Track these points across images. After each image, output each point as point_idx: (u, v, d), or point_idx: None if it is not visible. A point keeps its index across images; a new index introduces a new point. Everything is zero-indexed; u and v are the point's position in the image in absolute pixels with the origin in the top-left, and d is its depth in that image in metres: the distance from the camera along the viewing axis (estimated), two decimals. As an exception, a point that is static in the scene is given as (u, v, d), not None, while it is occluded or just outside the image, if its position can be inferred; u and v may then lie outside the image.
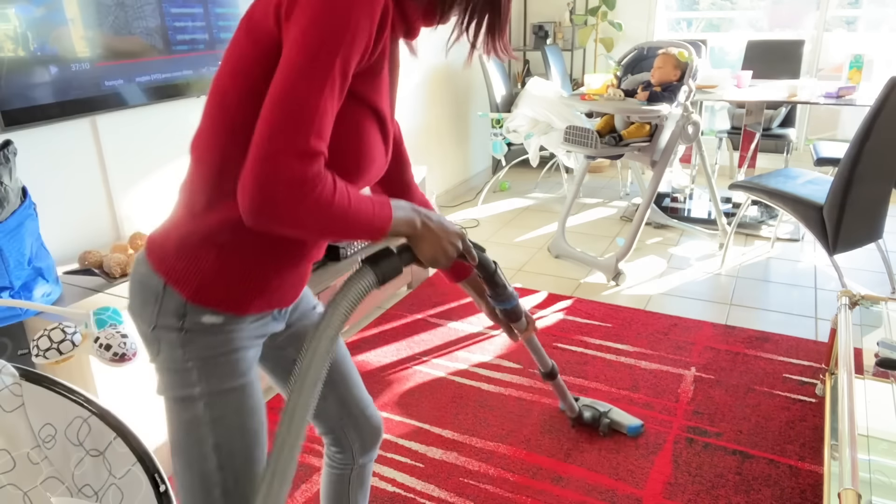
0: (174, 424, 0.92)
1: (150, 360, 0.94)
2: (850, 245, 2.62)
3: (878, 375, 1.88)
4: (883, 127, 2.37)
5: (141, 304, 0.90)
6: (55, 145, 1.92)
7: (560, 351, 2.45)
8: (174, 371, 0.90)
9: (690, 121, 2.92)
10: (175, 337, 0.88)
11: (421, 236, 0.92)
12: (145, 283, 0.89)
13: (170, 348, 0.89)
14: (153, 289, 0.88)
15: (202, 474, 0.91)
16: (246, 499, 0.93)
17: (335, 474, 1.24)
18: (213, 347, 0.90)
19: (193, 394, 0.90)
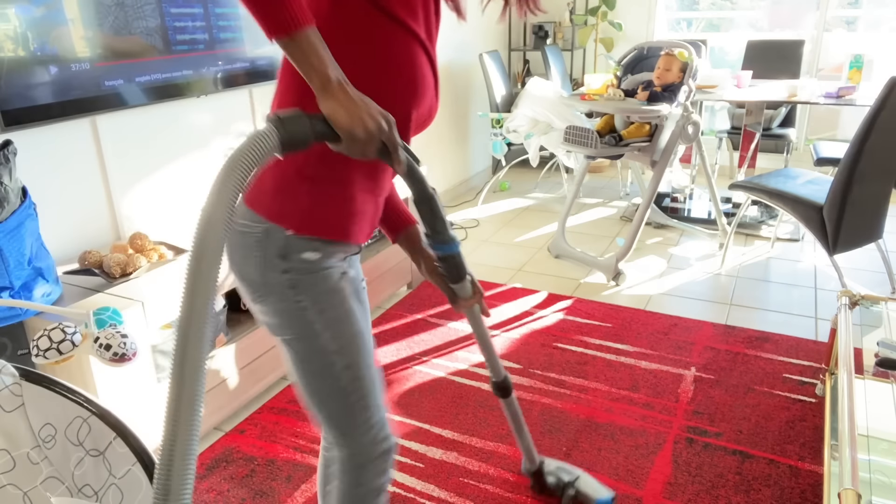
0: (303, 359, 1.00)
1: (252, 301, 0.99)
2: (850, 245, 2.62)
3: (878, 375, 1.88)
4: (883, 127, 2.37)
5: (244, 252, 0.95)
6: (55, 145, 1.92)
7: (560, 351, 2.45)
8: (289, 312, 0.96)
9: (690, 121, 2.92)
10: (284, 279, 0.94)
11: (334, 94, 0.78)
12: (247, 232, 0.94)
13: (280, 291, 0.95)
14: (256, 235, 0.93)
15: (338, 392, 1.01)
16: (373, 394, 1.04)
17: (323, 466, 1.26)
18: (318, 283, 0.96)
19: (316, 328, 0.97)
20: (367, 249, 2.75)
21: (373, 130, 0.80)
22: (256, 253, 0.94)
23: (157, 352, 1.80)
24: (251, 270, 0.95)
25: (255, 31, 2.42)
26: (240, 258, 0.96)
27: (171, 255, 1.99)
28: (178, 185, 2.34)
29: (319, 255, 0.95)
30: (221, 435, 2.02)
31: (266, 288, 0.96)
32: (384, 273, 2.79)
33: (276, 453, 1.93)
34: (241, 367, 2.09)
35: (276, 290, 0.95)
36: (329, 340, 0.98)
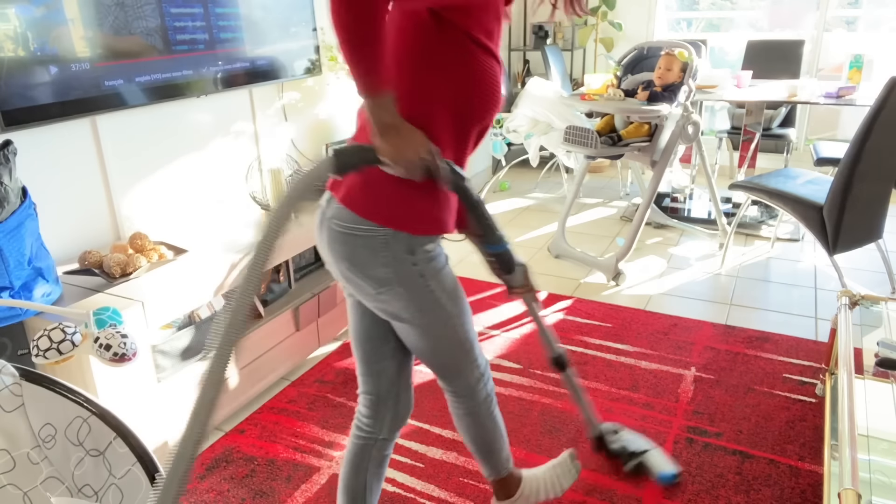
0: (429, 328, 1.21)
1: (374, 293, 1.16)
2: (850, 245, 2.62)
3: (878, 375, 1.88)
4: (883, 127, 2.37)
5: (370, 254, 1.12)
6: (55, 145, 1.92)
7: (560, 351, 2.45)
8: (420, 296, 1.17)
9: (690, 121, 2.92)
10: (414, 271, 1.14)
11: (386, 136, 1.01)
12: (371, 237, 1.11)
13: (409, 279, 1.15)
14: (379, 239, 1.11)
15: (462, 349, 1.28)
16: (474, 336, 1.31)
17: (359, 445, 1.36)
18: (437, 268, 1.18)
19: (441, 302, 1.20)
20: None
21: (414, 161, 1.02)
22: (384, 253, 1.12)
23: (157, 352, 1.80)
24: (379, 268, 1.13)
25: (255, 31, 2.42)
26: (364, 259, 1.13)
27: (171, 255, 1.99)
28: (178, 185, 2.35)
29: (434, 245, 1.17)
30: (221, 435, 2.03)
31: (397, 280, 1.14)
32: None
33: (276, 453, 1.93)
34: (241, 367, 2.09)
35: (407, 280, 1.15)
36: (451, 307, 1.22)
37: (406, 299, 1.16)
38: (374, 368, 1.33)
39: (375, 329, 1.31)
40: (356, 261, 1.13)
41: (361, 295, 1.20)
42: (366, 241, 1.11)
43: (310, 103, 2.93)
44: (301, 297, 2.33)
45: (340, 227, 1.13)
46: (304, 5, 2.65)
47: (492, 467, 1.51)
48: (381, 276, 1.14)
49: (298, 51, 2.66)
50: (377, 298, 1.18)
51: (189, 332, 1.89)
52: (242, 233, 2.21)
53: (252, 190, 2.42)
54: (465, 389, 1.35)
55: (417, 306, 1.18)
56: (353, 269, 1.15)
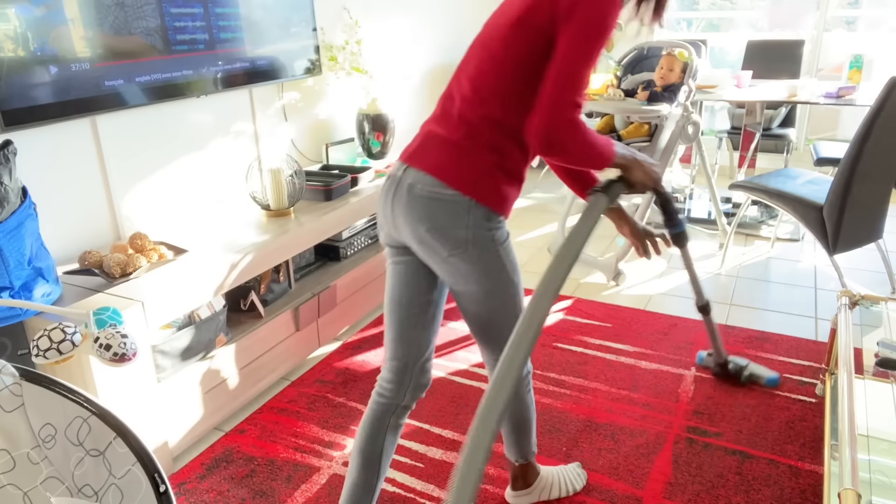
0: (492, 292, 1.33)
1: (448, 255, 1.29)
2: (849, 245, 2.62)
3: (878, 375, 1.88)
4: (883, 127, 2.37)
5: (452, 217, 1.26)
6: (55, 145, 1.92)
7: (560, 351, 2.45)
8: (490, 257, 1.31)
9: (690, 121, 2.92)
10: (489, 235, 1.29)
11: (634, 166, 1.37)
12: (454, 203, 1.26)
13: (484, 244, 1.29)
14: (464, 205, 1.26)
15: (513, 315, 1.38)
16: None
17: (380, 410, 1.43)
18: (504, 237, 1.33)
19: (506, 266, 1.33)
20: (367, 250, 2.75)
21: (656, 179, 1.41)
22: (466, 217, 1.27)
23: (157, 352, 1.80)
24: (459, 230, 1.27)
25: (255, 31, 2.42)
26: (445, 221, 1.27)
27: (171, 255, 1.99)
28: (178, 185, 2.35)
29: (502, 219, 1.32)
30: (221, 435, 2.03)
31: (473, 242, 1.28)
32: (384, 273, 2.79)
33: (276, 453, 1.93)
34: (241, 367, 2.09)
35: (482, 242, 1.29)
36: (512, 274, 1.35)
37: (476, 261, 1.30)
38: (406, 336, 1.41)
39: (418, 298, 1.41)
40: (438, 222, 1.27)
41: (431, 257, 1.32)
42: (450, 206, 1.26)
43: (310, 103, 2.93)
44: (301, 297, 2.33)
45: (425, 191, 1.27)
46: (304, 5, 2.65)
47: (520, 450, 1.60)
48: (460, 237, 1.28)
49: (298, 51, 2.66)
50: (447, 261, 1.30)
51: (189, 332, 1.89)
52: (242, 233, 2.21)
53: (252, 190, 2.42)
54: None
55: (486, 269, 1.31)
56: (433, 230, 1.28)
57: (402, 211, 1.31)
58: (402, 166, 1.34)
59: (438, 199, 1.27)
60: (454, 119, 1.30)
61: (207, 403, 1.97)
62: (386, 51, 3.43)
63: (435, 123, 1.34)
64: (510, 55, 1.24)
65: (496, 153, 1.28)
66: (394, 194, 1.33)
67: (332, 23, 2.96)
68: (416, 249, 1.35)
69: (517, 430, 1.57)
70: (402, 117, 3.70)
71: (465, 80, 1.31)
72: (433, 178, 1.27)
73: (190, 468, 1.88)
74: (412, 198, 1.29)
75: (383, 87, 3.45)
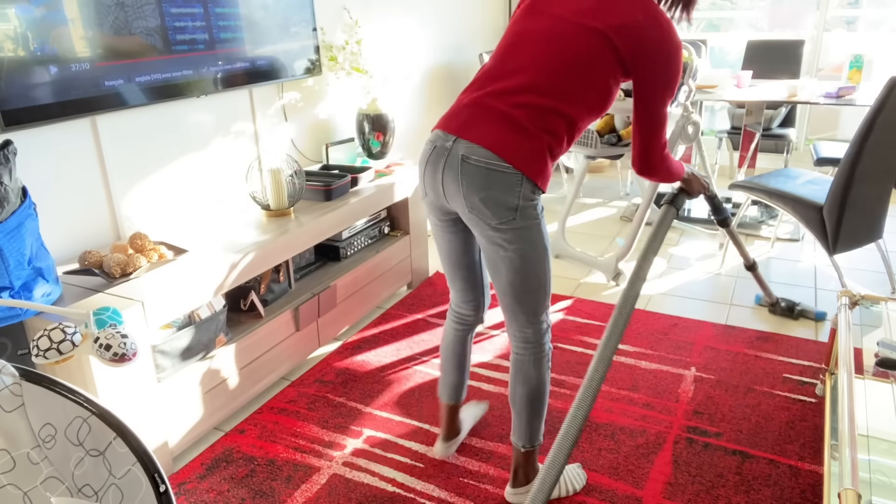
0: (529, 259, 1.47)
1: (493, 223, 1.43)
2: (849, 245, 2.62)
3: (878, 375, 1.88)
4: (883, 127, 2.37)
5: (506, 188, 1.39)
6: (55, 145, 1.92)
7: (560, 351, 2.45)
8: (532, 225, 1.45)
9: (690, 121, 2.92)
10: (532, 206, 1.43)
11: (693, 179, 1.83)
12: (503, 172, 1.38)
13: (528, 213, 1.43)
14: (517, 178, 1.39)
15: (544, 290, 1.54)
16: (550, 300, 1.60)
17: (463, 330, 1.78)
18: (542, 210, 1.48)
19: (544, 235, 1.49)
20: (367, 249, 2.75)
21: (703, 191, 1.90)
22: (518, 188, 1.39)
23: (157, 352, 1.80)
24: (512, 199, 1.40)
25: (255, 31, 2.42)
26: (501, 191, 1.39)
27: (171, 255, 1.99)
28: (178, 185, 2.35)
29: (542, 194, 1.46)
30: (221, 435, 2.03)
31: (521, 210, 1.41)
32: (384, 273, 2.79)
33: (276, 453, 1.93)
34: (241, 367, 2.09)
35: (528, 211, 1.42)
36: (546, 245, 1.50)
37: (521, 230, 1.43)
38: (472, 279, 1.70)
39: (468, 251, 1.65)
40: (492, 192, 1.39)
41: (478, 224, 1.45)
42: (504, 177, 1.39)
43: (310, 103, 2.93)
44: (301, 297, 2.33)
45: (482, 162, 1.39)
46: (304, 5, 2.65)
47: (531, 433, 1.65)
48: (511, 206, 1.40)
49: (298, 51, 2.66)
50: (496, 228, 1.43)
51: (189, 332, 1.90)
52: (242, 233, 2.21)
53: (252, 190, 2.42)
54: (536, 335, 1.57)
55: (527, 237, 1.45)
56: (487, 199, 1.40)
57: (452, 179, 1.43)
58: (451, 138, 1.42)
59: (494, 169, 1.38)
60: (516, 101, 1.39)
61: (207, 403, 1.97)
62: (386, 51, 3.44)
63: (487, 96, 1.42)
64: (584, 62, 1.39)
65: (552, 137, 1.42)
66: (444, 164, 1.43)
67: (332, 23, 2.96)
68: (466, 217, 1.47)
69: (533, 410, 1.62)
70: (402, 117, 3.70)
71: (531, 68, 1.40)
72: (489, 152, 1.38)
73: (190, 468, 1.88)
74: (466, 168, 1.40)
75: (383, 87, 3.45)
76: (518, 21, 1.49)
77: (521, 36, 1.44)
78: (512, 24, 1.51)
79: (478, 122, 1.40)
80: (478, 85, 1.46)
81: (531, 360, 1.58)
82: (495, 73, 1.44)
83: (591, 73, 1.39)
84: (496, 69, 1.45)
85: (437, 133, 1.47)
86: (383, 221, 2.89)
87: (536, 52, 1.40)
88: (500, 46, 1.49)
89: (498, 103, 1.40)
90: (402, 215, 2.95)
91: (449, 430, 1.89)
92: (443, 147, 1.44)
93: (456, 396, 1.84)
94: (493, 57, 1.49)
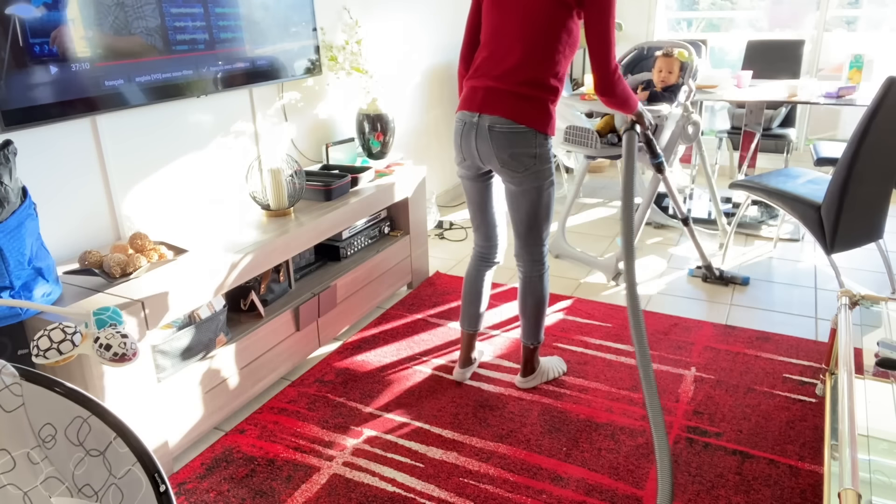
0: (546, 197, 1.95)
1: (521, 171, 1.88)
2: (848, 245, 2.62)
3: (878, 375, 1.88)
4: (881, 126, 2.37)
5: (526, 143, 1.84)
6: (55, 145, 1.92)
7: (560, 351, 2.45)
8: (548, 168, 1.91)
9: (690, 121, 2.92)
10: (545, 152, 1.88)
11: (644, 114, 2.10)
12: (522, 132, 1.83)
13: (542, 158, 1.88)
14: (531, 133, 1.84)
15: (549, 218, 2.01)
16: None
17: (484, 266, 2.19)
18: (551, 155, 1.91)
19: (553, 174, 1.93)
20: (367, 249, 2.75)
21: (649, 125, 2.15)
22: (534, 140, 1.84)
23: (157, 352, 1.80)
24: (531, 149, 1.85)
25: (255, 31, 2.42)
26: (523, 146, 1.84)
27: (171, 255, 1.99)
28: (178, 185, 2.35)
29: (551, 140, 1.90)
30: (221, 435, 2.03)
31: (538, 156, 1.87)
32: (384, 273, 2.79)
33: (276, 453, 1.93)
34: (241, 367, 2.09)
35: (543, 156, 1.88)
36: (553, 182, 1.95)
37: (540, 171, 1.90)
38: (493, 222, 2.13)
39: (489, 200, 2.08)
40: (517, 149, 1.84)
41: (508, 173, 1.90)
42: (523, 136, 1.84)
43: (310, 103, 2.93)
44: (301, 297, 2.33)
45: (505, 129, 1.83)
46: (304, 5, 2.65)
47: (536, 334, 2.15)
48: (532, 154, 1.86)
49: (298, 51, 2.66)
50: (523, 174, 1.89)
51: (189, 332, 1.90)
52: (242, 233, 2.21)
53: (252, 190, 2.42)
54: (540, 255, 2.05)
55: (544, 176, 1.91)
56: (514, 154, 1.85)
57: (485, 144, 1.87)
58: (475, 115, 1.87)
59: (515, 132, 1.83)
60: (517, 77, 1.82)
61: (207, 403, 1.98)
62: (386, 51, 3.44)
63: (494, 81, 1.84)
64: (554, 26, 1.79)
65: (548, 93, 1.85)
66: (476, 134, 1.89)
67: (332, 23, 2.96)
68: (498, 170, 1.92)
69: (537, 316, 2.12)
70: (402, 117, 3.70)
71: (518, 47, 1.82)
72: (508, 120, 1.82)
73: (190, 468, 1.88)
74: (494, 134, 1.85)
75: (383, 87, 3.45)
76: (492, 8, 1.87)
77: (503, 23, 1.84)
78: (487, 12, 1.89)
79: (494, 101, 1.83)
80: (483, 70, 1.88)
81: (539, 276, 2.07)
82: (495, 59, 1.86)
83: (560, 30, 1.80)
84: (493, 56, 1.86)
85: (462, 113, 1.92)
86: (383, 221, 2.89)
87: (519, 32, 1.81)
88: (488, 30, 1.88)
89: (503, 85, 1.83)
90: (402, 215, 2.95)
91: (465, 358, 2.27)
92: (471, 123, 1.88)
93: (474, 325, 2.24)
94: (485, 44, 1.90)
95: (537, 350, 2.20)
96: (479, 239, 2.17)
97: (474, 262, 2.20)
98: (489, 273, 2.20)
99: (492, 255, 2.18)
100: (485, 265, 2.19)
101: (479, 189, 2.06)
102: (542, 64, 1.81)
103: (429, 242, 3.64)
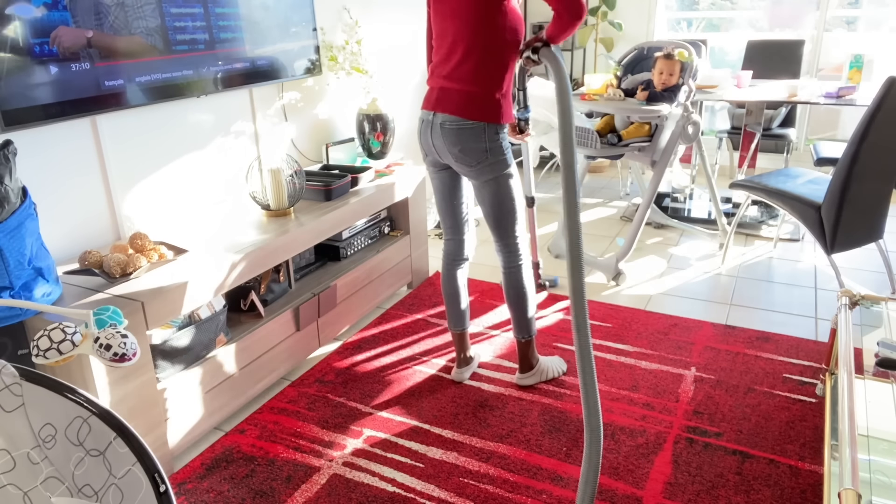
0: (505, 188, 1.99)
1: (474, 165, 1.94)
2: (848, 245, 2.62)
3: (878, 375, 1.88)
4: (881, 126, 2.37)
5: (475, 138, 1.90)
6: (55, 145, 1.92)
7: (560, 351, 2.45)
8: (503, 160, 1.95)
9: (690, 121, 2.92)
10: (496, 145, 1.93)
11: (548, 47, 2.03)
12: (473, 128, 1.89)
13: (497, 150, 1.93)
14: (480, 128, 1.89)
15: (515, 210, 2.04)
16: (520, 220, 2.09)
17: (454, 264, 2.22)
18: (507, 145, 1.96)
19: (511, 169, 1.99)
20: (367, 249, 2.75)
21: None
22: (483, 135, 1.90)
23: (157, 352, 1.80)
24: (482, 144, 1.91)
25: (255, 31, 2.42)
26: (471, 141, 1.90)
27: (171, 255, 1.99)
28: (178, 185, 2.35)
29: (506, 128, 1.98)
30: (221, 435, 2.03)
31: (490, 150, 1.92)
32: (384, 273, 2.79)
33: (276, 453, 1.93)
34: (241, 367, 2.09)
35: (496, 149, 1.93)
36: (515, 173, 2.01)
37: (494, 164, 1.94)
38: (459, 219, 2.17)
39: (455, 194, 2.12)
40: (466, 144, 1.91)
41: (463, 167, 1.97)
42: (471, 131, 1.90)
43: (310, 103, 2.93)
44: (301, 297, 2.33)
45: (454, 126, 1.90)
46: (304, 5, 2.65)
47: (525, 327, 2.17)
48: (482, 149, 1.91)
49: (298, 51, 2.66)
50: (477, 168, 1.95)
51: (189, 332, 1.89)
52: (242, 233, 2.21)
53: (252, 190, 2.42)
54: (514, 245, 2.10)
55: (500, 168, 1.96)
56: (465, 149, 1.92)
57: (438, 140, 1.95)
58: (430, 113, 1.95)
59: (463, 128, 1.90)
60: (461, 73, 1.88)
61: (207, 403, 1.98)
62: (386, 51, 3.43)
63: (445, 80, 1.92)
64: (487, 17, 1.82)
65: (496, 86, 1.89)
66: (430, 131, 1.97)
67: (332, 23, 2.96)
68: (453, 164, 1.99)
69: (522, 308, 2.14)
70: (402, 117, 3.70)
71: (459, 45, 1.87)
72: (456, 117, 1.89)
73: (190, 468, 1.88)
74: (444, 131, 1.92)
75: (383, 87, 3.45)
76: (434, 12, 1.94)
77: (443, 24, 1.90)
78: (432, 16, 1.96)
79: (444, 99, 1.91)
80: (436, 71, 1.96)
81: (516, 267, 2.11)
82: (443, 59, 1.93)
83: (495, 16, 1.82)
84: (442, 56, 1.94)
85: (422, 112, 2.01)
86: (383, 221, 2.89)
87: (456, 31, 1.86)
88: (435, 33, 1.96)
89: (452, 83, 1.90)
90: (402, 215, 2.95)
91: (462, 358, 2.30)
92: (427, 121, 1.97)
93: (460, 324, 2.27)
94: (436, 47, 1.97)
95: (531, 344, 2.20)
96: (447, 233, 2.22)
97: (445, 261, 2.24)
98: (461, 271, 2.23)
99: (460, 251, 2.21)
100: (455, 263, 2.22)
101: (442, 179, 2.10)
102: (483, 57, 1.85)
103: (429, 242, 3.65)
